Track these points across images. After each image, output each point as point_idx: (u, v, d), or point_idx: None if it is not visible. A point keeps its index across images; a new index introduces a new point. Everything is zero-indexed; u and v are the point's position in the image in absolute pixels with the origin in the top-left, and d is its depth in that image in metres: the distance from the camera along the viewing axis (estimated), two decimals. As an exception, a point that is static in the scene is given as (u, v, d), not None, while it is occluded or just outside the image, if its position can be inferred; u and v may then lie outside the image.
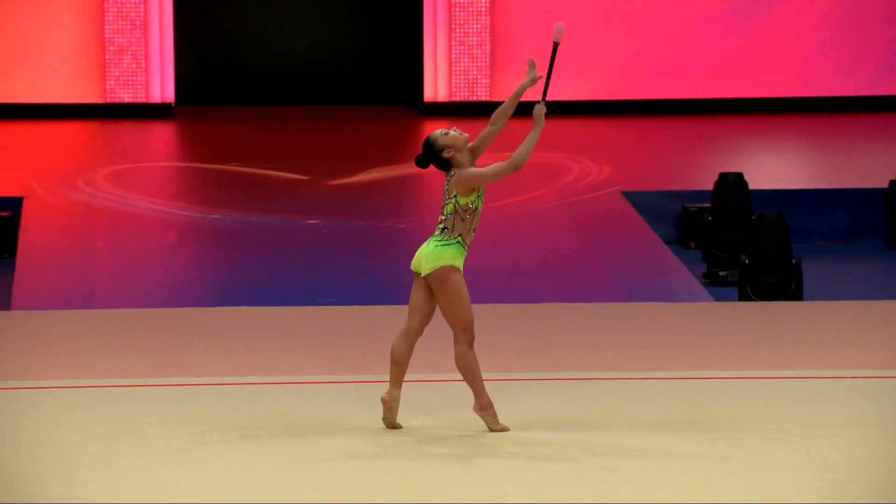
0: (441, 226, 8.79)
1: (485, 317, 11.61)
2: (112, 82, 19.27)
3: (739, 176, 15.06)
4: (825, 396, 9.47)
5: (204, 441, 8.65)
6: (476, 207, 8.77)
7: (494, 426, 8.75)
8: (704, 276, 14.52)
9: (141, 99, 19.32)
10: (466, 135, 8.83)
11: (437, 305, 8.78)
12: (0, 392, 9.82)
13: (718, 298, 13.32)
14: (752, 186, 15.15)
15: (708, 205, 15.20)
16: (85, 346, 11.07)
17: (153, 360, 10.61)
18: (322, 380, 10.08)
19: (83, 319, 12.10)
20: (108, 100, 19.29)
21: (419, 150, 8.63)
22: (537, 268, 13.86)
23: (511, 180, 16.64)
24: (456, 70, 19.76)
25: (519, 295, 12.75)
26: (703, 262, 14.82)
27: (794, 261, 13.54)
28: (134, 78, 19.27)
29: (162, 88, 19.42)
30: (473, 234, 8.77)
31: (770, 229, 13.68)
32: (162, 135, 18.92)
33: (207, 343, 11.16)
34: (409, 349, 8.81)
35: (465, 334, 8.73)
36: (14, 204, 15.36)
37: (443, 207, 8.78)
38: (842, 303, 12.66)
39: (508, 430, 8.77)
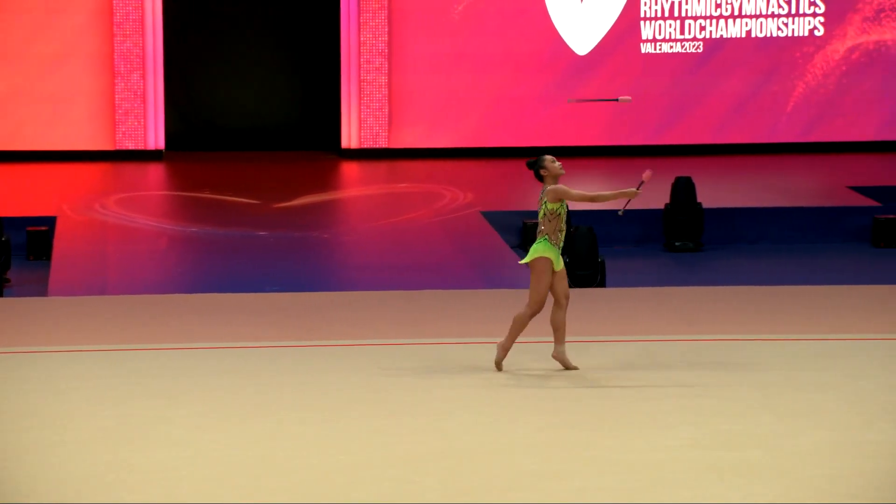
0: (538, 228, 8.90)
1: (379, 300, 11.76)
2: (120, 135, 19.23)
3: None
4: (621, 354, 9.64)
5: (194, 383, 8.80)
6: (559, 213, 8.80)
7: (496, 359, 8.97)
8: None
9: (140, 146, 19.23)
10: (563, 171, 8.90)
11: (558, 280, 8.79)
12: (44, 354, 9.91)
13: None
14: (570, 208, 15.00)
15: None
16: (103, 321, 11.11)
17: (153, 330, 10.71)
18: (269, 344, 10.19)
19: (101, 303, 12.11)
20: (117, 147, 19.23)
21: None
22: (417, 265, 13.79)
23: (399, 204, 16.85)
24: (363, 123, 19.52)
25: (404, 285, 12.72)
26: None
27: (599, 260, 13.54)
28: (135, 131, 19.20)
29: (155, 138, 19.33)
30: (561, 235, 8.81)
31: (583, 238, 13.63)
32: (155, 172, 18.70)
33: (190, 318, 11.17)
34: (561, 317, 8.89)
35: (531, 308, 8.86)
36: (50, 221, 15.25)
37: (538, 215, 8.88)
38: (634, 289, 12.69)
39: (500, 370, 8.95)
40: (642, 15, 19.91)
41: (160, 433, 7.79)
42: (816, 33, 19.90)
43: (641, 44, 19.94)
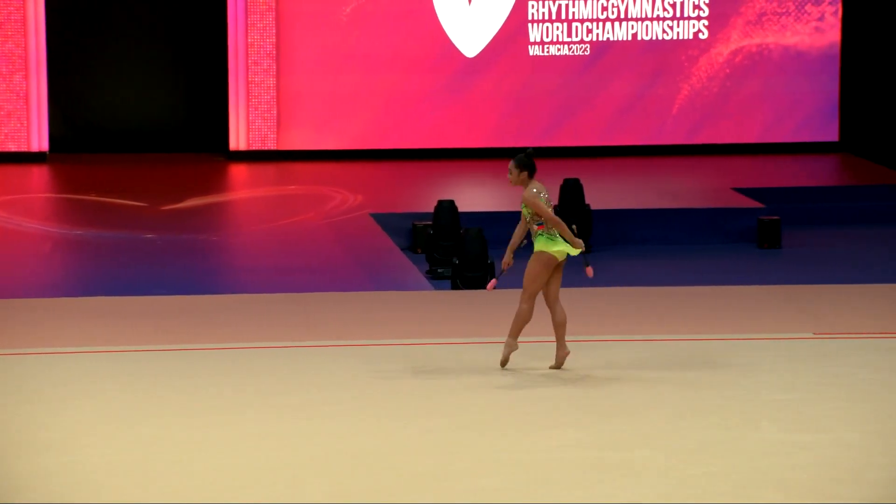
0: (533, 226, 9.23)
1: (269, 303, 11.75)
2: (2, 136, 18.98)
3: (452, 202, 15.12)
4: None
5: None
6: (529, 218, 9.13)
7: (504, 354, 9.08)
8: (427, 272, 14.50)
9: (23, 148, 19.01)
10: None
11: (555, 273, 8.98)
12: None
13: (437, 288, 13.32)
14: (461, 210, 15.17)
15: (430, 222, 15.13)
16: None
17: (37, 334, 10.57)
18: (157, 348, 10.17)
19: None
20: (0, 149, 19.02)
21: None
22: (307, 267, 13.75)
23: (289, 206, 16.82)
24: (252, 125, 19.43)
25: (294, 287, 12.70)
26: (427, 262, 14.78)
27: (489, 262, 13.56)
28: (18, 133, 18.99)
29: (39, 140, 19.11)
30: (553, 230, 9.02)
31: (473, 240, 13.65)
32: (39, 175, 18.51)
33: (76, 322, 11.06)
34: (559, 311, 9.08)
35: (526, 294, 9.13)
36: (-69, 224, 15.01)
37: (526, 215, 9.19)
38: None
39: (504, 365, 9.02)
40: (530, 17, 20.05)
41: (39, 439, 7.71)
42: (701, 36, 20.17)
43: (529, 46, 20.08)
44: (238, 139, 19.48)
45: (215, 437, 7.79)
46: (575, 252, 9.13)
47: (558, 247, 9.07)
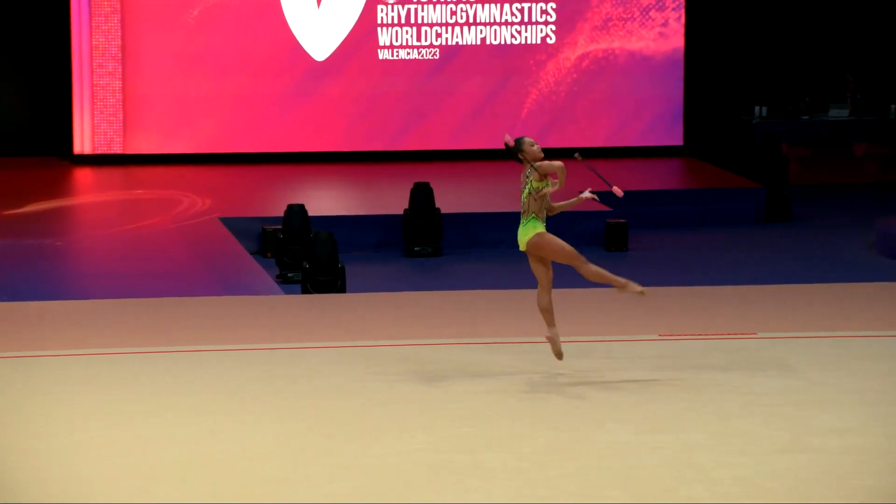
0: (522, 210, 8.80)
1: (116, 308, 11.65)
2: None
3: (302, 206, 15.08)
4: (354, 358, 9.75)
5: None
6: (544, 192, 8.84)
7: (627, 287, 8.90)
8: (278, 276, 14.49)
9: None
10: (542, 154, 8.93)
11: (549, 259, 8.74)
12: None
13: (287, 292, 13.31)
14: (311, 214, 15.14)
15: (280, 226, 15.08)
16: None
17: None
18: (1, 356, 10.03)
19: None
20: None
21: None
22: (155, 272, 13.65)
23: (136, 211, 16.68)
24: (97, 128, 19.25)
25: (142, 292, 12.61)
26: (277, 267, 14.76)
27: (340, 266, 13.55)
28: None
29: None
30: (545, 214, 8.74)
31: (323, 244, 13.59)
32: None
33: None
34: (549, 297, 8.83)
35: (577, 260, 8.82)
36: None
37: (522, 196, 8.73)
38: (374, 294, 12.80)
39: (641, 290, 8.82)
40: (379, 21, 20.11)
41: None
42: (549, 41, 20.40)
43: (379, 50, 20.14)
44: (83, 143, 19.32)
45: (57, 447, 7.70)
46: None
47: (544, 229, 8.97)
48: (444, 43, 20.19)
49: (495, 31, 20.30)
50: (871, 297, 11.98)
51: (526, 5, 20.26)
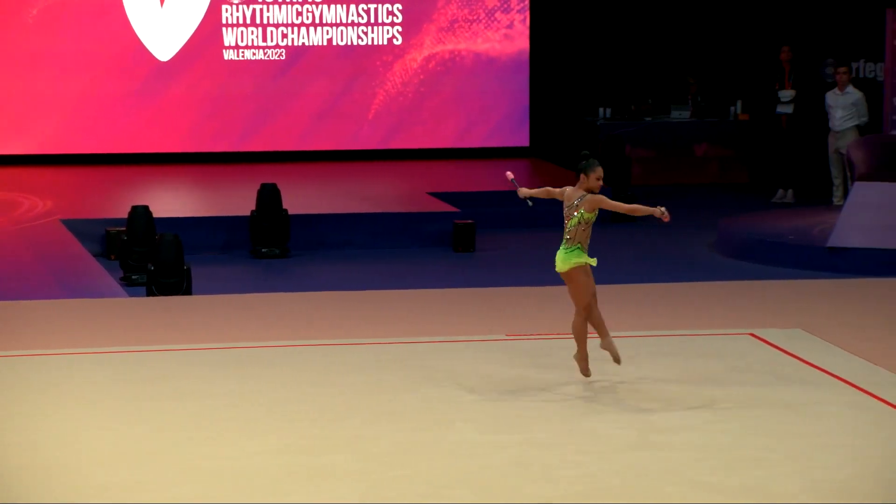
0: (567, 237, 8.76)
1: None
2: None
3: (146, 208, 14.97)
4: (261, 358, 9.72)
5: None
6: (591, 223, 8.83)
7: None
8: (122, 279, 14.39)
9: None
10: (601, 184, 8.86)
11: (569, 290, 8.83)
12: None
13: (132, 295, 13.23)
14: (156, 215, 15.04)
15: (124, 228, 14.98)
16: None
17: None
18: None
19: None
20: None
21: None
22: None
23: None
24: None
25: (9, 295, 12.37)
26: (122, 269, 14.65)
27: (186, 267, 13.49)
28: None
29: None
30: (588, 242, 8.82)
31: (169, 246, 13.52)
32: None
33: None
34: (597, 311, 8.91)
35: (579, 313, 8.93)
36: None
37: (568, 222, 8.74)
38: (220, 296, 12.72)
39: (587, 375, 8.98)
40: (224, 22, 20.02)
41: None
42: (395, 42, 20.48)
43: (224, 50, 20.04)
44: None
45: None
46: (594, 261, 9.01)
47: (586, 258, 8.95)
48: (290, 44, 20.16)
49: (342, 31, 20.31)
50: (710, 295, 12.21)
51: (372, 6, 20.30)
